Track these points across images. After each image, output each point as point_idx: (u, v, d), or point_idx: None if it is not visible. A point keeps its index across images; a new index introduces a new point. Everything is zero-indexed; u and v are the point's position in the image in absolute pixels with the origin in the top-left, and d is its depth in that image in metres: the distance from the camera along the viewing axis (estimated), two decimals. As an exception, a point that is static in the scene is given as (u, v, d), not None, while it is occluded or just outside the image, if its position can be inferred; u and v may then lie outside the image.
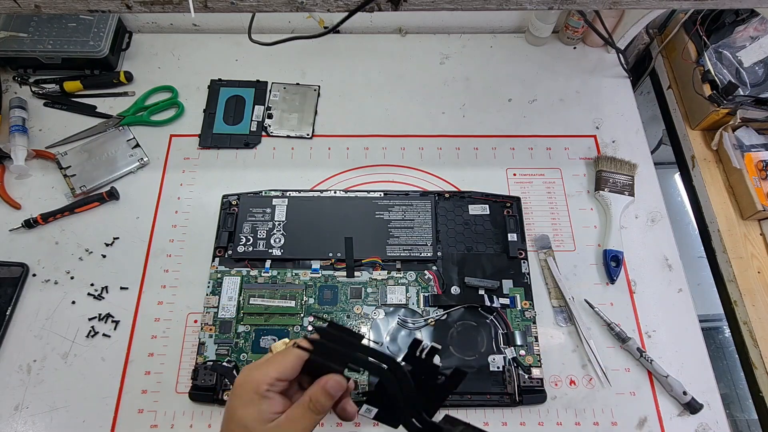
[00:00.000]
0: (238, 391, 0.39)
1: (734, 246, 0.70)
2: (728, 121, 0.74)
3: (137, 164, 0.73)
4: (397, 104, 0.80)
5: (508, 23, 0.87)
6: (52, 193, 0.71)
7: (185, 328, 0.63)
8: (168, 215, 0.70)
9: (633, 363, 0.62)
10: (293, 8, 0.44)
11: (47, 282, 0.65)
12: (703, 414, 0.60)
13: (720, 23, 0.76)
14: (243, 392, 0.39)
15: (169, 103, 0.78)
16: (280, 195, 0.69)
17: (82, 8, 0.44)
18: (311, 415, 0.39)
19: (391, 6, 0.44)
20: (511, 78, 0.83)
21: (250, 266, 0.65)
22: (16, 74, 0.79)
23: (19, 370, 0.61)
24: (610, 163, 0.73)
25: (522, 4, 0.44)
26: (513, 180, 0.74)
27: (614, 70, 0.84)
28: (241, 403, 0.39)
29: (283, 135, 0.77)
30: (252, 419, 0.38)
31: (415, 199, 0.69)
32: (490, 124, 0.78)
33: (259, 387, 0.38)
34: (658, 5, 0.46)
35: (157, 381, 0.60)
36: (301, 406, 0.39)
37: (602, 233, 0.70)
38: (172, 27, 0.86)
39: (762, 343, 0.64)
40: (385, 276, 0.65)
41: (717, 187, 0.74)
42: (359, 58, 0.84)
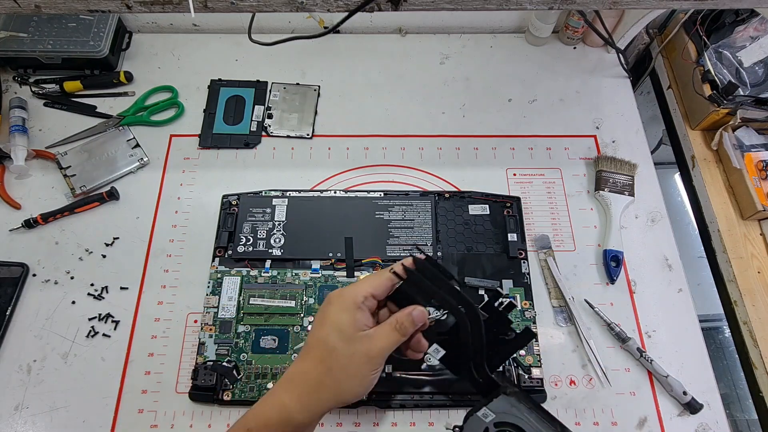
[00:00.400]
0: (336, 299, 0.44)
1: (734, 246, 0.70)
2: (728, 121, 0.74)
3: (137, 164, 0.73)
4: (397, 104, 0.80)
5: (508, 23, 0.87)
6: (52, 193, 0.71)
7: (185, 328, 0.63)
8: (168, 215, 0.70)
9: (633, 363, 0.62)
10: (293, 8, 0.44)
11: (47, 282, 0.65)
12: (703, 414, 0.60)
13: (720, 23, 0.76)
14: (341, 301, 0.43)
15: (169, 103, 0.78)
16: (280, 195, 0.69)
17: (82, 8, 0.44)
18: (395, 334, 0.43)
19: (391, 6, 0.44)
20: (511, 78, 0.83)
21: (250, 266, 0.65)
22: (16, 74, 0.79)
23: (19, 370, 0.61)
24: (610, 163, 0.73)
25: (522, 4, 0.44)
26: (513, 180, 0.74)
27: (614, 70, 0.84)
28: (338, 310, 0.43)
29: (283, 135, 0.77)
30: (347, 324, 0.42)
31: (415, 199, 0.69)
32: (490, 124, 0.78)
33: (356, 298, 0.43)
34: (658, 5, 0.46)
35: (157, 381, 0.60)
36: (389, 325, 0.43)
37: (602, 233, 0.70)
38: (172, 27, 0.86)
39: (762, 343, 0.64)
40: (385, 276, 0.65)
41: (717, 187, 0.74)
42: (359, 58, 0.84)
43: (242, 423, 0.43)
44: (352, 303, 0.43)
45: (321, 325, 0.43)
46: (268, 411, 0.42)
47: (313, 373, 0.42)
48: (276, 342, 0.61)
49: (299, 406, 0.42)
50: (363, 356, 0.42)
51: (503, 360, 0.45)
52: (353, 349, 0.42)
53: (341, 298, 0.44)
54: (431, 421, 0.59)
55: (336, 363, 0.42)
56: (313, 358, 0.43)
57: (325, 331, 0.43)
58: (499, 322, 0.45)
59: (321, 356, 0.42)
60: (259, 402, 0.44)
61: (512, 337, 0.45)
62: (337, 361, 0.42)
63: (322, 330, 0.43)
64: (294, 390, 0.42)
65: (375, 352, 0.42)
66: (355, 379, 0.42)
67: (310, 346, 0.43)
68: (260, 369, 0.60)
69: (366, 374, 0.42)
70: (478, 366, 0.44)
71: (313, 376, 0.42)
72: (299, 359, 0.44)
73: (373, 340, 0.42)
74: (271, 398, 0.43)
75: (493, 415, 0.43)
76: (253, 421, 0.42)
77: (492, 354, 0.45)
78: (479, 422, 0.43)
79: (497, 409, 0.43)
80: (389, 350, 0.43)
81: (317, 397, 0.42)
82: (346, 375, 0.42)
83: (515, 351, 0.46)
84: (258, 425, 0.42)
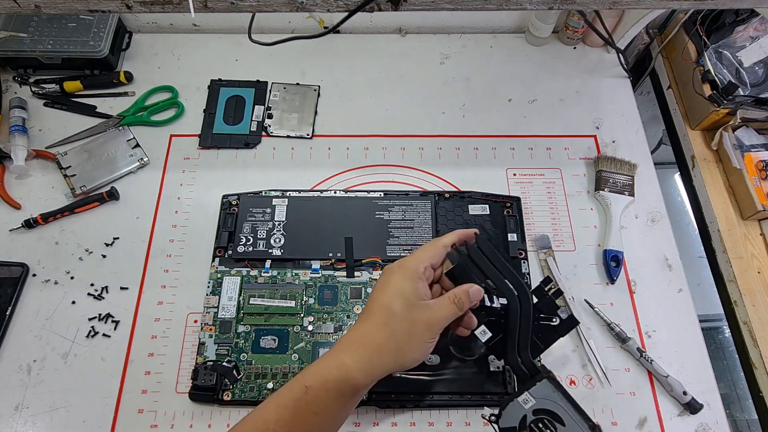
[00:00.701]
0: (398, 269, 0.46)
1: (734, 246, 0.70)
2: (728, 121, 0.74)
3: (137, 164, 0.73)
4: (397, 104, 0.80)
5: (508, 23, 0.87)
6: (52, 193, 0.71)
7: (185, 328, 0.63)
8: (168, 215, 0.70)
9: (633, 363, 0.62)
10: (293, 8, 0.44)
11: (47, 282, 0.65)
12: (703, 414, 0.60)
13: (720, 23, 0.76)
14: (403, 270, 0.46)
15: (169, 103, 0.78)
16: (280, 195, 0.69)
17: (82, 8, 0.44)
18: (453, 307, 0.45)
19: (391, 6, 0.44)
20: (511, 78, 0.83)
21: (250, 266, 0.65)
22: (16, 74, 0.79)
23: (19, 370, 0.61)
24: (610, 163, 0.73)
25: (522, 4, 0.44)
26: (513, 180, 0.74)
27: (614, 70, 0.84)
28: (401, 278, 0.45)
29: (283, 135, 0.77)
30: (410, 292, 0.44)
31: (415, 199, 0.69)
32: (490, 124, 0.78)
33: (418, 268, 0.46)
34: (658, 5, 0.46)
35: (157, 381, 0.60)
36: (448, 298, 0.46)
37: (602, 233, 0.70)
38: (172, 27, 0.86)
39: (762, 343, 0.64)
40: (385, 276, 0.65)
41: (717, 187, 0.74)
42: (359, 58, 0.84)
43: (300, 380, 0.44)
44: (415, 272, 0.45)
45: (384, 292, 0.45)
46: (329, 370, 0.44)
47: (376, 336, 0.44)
48: (276, 342, 0.61)
49: (360, 367, 0.43)
50: (424, 324, 0.44)
51: (546, 346, 0.47)
52: (415, 315, 0.44)
53: (404, 268, 0.46)
54: (431, 421, 0.59)
55: (399, 328, 0.44)
56: (376, 322, 0.44)
57: (389, 298, 0.45)
58: (546, 306, 0.47)
59: (384, 321, 0.44)
60: (318, 361, 0.45)
61: (557, 323, 0.47)
62: (400, 326, 0.44)
63: (385, 296, 0.45)
64: (356, 352, 0.44)
65: (435, 321, 0.44)
66: (415, 345, 0.44)
67: (373, 311, 0.45)
68: (260, 369, 0.60)
69: (426, 341, 0.44)
70: (522, 351, 0.46)
71: (376, 340, 0.44)
72: (360, 323, 0.46)
73: (433, 309, 0.45)
74: (331, 358, 0.44)
75: (533, 401, 0.44)
76: (312, 378, 0.44)
77: (535, 339, 0.46)
78: (518, 409, 0.44)
79: (538, 394, 0.44)
80: (447, 321, 0.45)
81: (379, 360, 0.44)
82: (408, 340, 0.44)
83: (558, 338, 0.47)
84: (317, 383, 0.43)
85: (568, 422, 0.43)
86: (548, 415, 0.43)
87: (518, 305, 0.46)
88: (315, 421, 0.43)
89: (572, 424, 0.43)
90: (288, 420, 0.43)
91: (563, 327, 0.47)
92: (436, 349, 0.60)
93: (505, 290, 0.46)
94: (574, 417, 0.43)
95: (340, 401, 0.44)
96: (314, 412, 0.43)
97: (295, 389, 0.44)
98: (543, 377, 0.44)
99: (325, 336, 0.62)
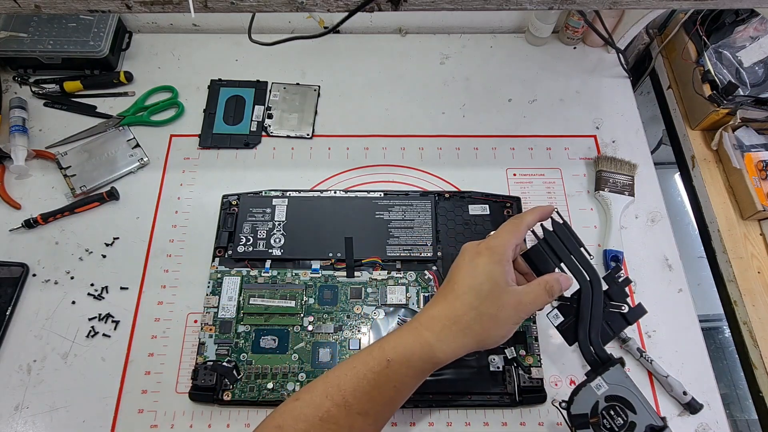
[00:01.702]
0: (486, 251, 0.46)
1: (734, 246, 0.70)
2: (728, 121, 0.74)
3: (137, 164, 0.73)
4: (397, 104, 0.80)
5: (508, 23, 0.87)
6: (52, 193, 0.71)
7: (185, 328, 0.63)
8: (168, 215, 0.70)
9: (633, 363, 0.62)
10: (293, 8, 0.44)
11: (47, 282, 0.65)
12: (703, 414, 0.60)
13: (720, 23, 0.76)
14: (491, 253, 0.45)
15: (169, 103, 0.78)
16: (280, 195, 0.69)
17: (82, 8, 0.44)
18: (545, 295, 0.45)
19: (391, 6, 0.44)
20: (511, 78, 0.83)
21: (250, 266, 0.65)
22: (16, 74, 0.79)
23: (19, 370, 0.61)
24: (610, 163, 0.73)
25: (522, 4, 0.44)
26: (513, 180, 0.74)
27: (614, 70, 0.84)
28: (490, 261, 0.45)
29: (283, 135, 0.77)
30: (500, 276, 0.44)
31: (415, 199, 0.69)
32: (490, 124, 0.78)
33: (506, 251, 0.45)
34: (658, 5, 0.46)
35: (157, 381, 0.60)
36: (539, 285, 0.46)
37: (602, 233, 0.70)
38: (172, 27, 0.86)
39: (762, 343, 0.64)
40: (385, 276, 0.65)
41: (717, 187, 0.74)
42: (359, 58, 0.84)
43: (380, 353, 0.44)
44: (503, 256, 0.45)
45: (472, 275, 0.45)
46: (411, 346, 0.44)
47: (462, 318, 0.44)
48: (276, 342, 0.61)
49: (444, 346, 0.44)
50: (512, 308, 0.44)
51: (616, 334, 0.48)
52: (505, 300, 0.44)
53: (492, 251, 0.45)
54: (431, 421, 0.59)
55: (487, 311, 0.44)
56: (463, 303, 0.45)
57: (479, 281, 0.45)
58: (616, 294, 0.47)
59: (473, 303, 0.44)
60: (395, 335, 0.46)
61: (626, 311, 0.47)
62: (489, 309, 0.44)
63: (474, 279, 0.45)
64: (440, 330, 0.44)
65: (523, 306, 0.45)
66: (501, 328, 0.44)
67: (459, 293, 0.45)
68: (260, 369, 0.60)
69: (511, 325, 0.45)
70: (594, 337, 0.46)
71: (463, 321, 0.44)
72: (441, 302, 0.46)
73: (522, 295, 0.45)
74: (411, 334, 0.45)
75: (606, 387, 0.44)
76: (393, 352, 0.44)
77: (605, 326, 0.47)
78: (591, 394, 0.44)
79: (612, 380, 0.45)
80: (537, 308, 0.46)
81: (463, 340, 0.44)
82: (494, 323, 0.44)
83: (627, 326, 0.48)
84: (399, 358, 0.44)
85: (640, 410, 0.43)
86: (620, 402, 0.44)
87: (590, 291, 0.46)
88: (392, 394, 0.44)
89: (643, 412, 0.43)
90: (367, 391, 0.43)
91: (632, 314, 0.47)
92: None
93: (578, 276, 0.47)
94: (646, 405, 0.43)
95: (420, 377, 0.45)
96: (394, 386, 0.44)
97: (374, 362, 0.44)
98: (616, 362, 0.45)
99: (325, 336, 0.62)
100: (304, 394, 0.44)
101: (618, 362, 0.45)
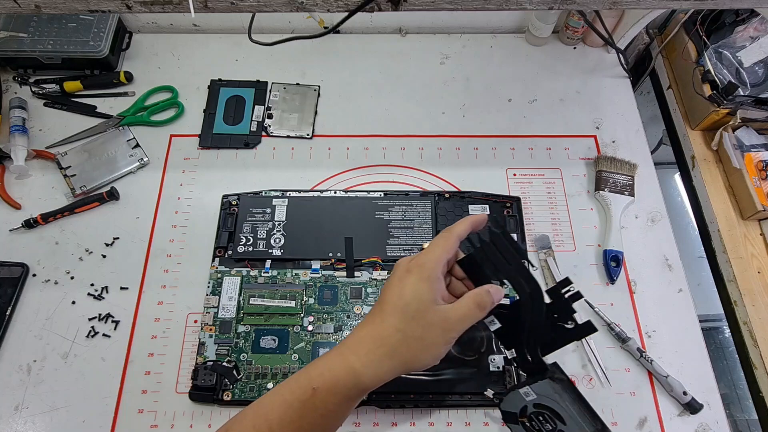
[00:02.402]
0: (416, 269, 0.43)
1: (734, 246, 0.70)
2: (728, 121, 0.74)
3: (137, 164, 0.73)
4: (397, 104, 0.80)
5: (508, 23, 0.87)
6: (52, 193, 0.71)
7: (185, 328, 0.63)
8: (168, 215, 0.70)
9: (633, 363, 0.62)
10: (293, 8, 0.44)
11: (47, 282, 0.65)
12: (703, 414, 0.60)
13: (720, 23, 0.76)
14: (421, 271, 0.43)
15: (169, 103, 0.78)
16: (280, 195, 0.69)
17: (82, 8, 0.44)
18: (476, 311, 0.43)
19: (391, 6, 0.44)
20: (511, 78, 0.83)
21: (250, 266, 0.65)
22: (16, 74, 0.79)
23: (19, 370, 0.61)
24: (610, 163, 0.73)
25: (522, 4, 0.44)
26: (513, 180, 0.74)
27: (614, 70, 0.84)
28: (418, 280, 0.43)
29: (283, 135, 0.77)
30: (427, 295, 0.42)
31: (415, 199, 0.69)
32: (490, 124, 0.78)
33: (435, 268, 0.43)
34: (658, 5, 0.46)
35: (157, 381, 0.60)
36: (470, 300, 0.43)
37: (602, 233, 0.70)
38: (172, 27, 0.86)
39: (762, 343, 0.64)
40: (385, 276, 0.65)
41: (717, 187, 0.74)
42: (359, 58, 0.84)
43: (306, 380, 0.43)
44: (433, 273, 0.43)
45: (399, 294, 0.43)
46: (337, 372, 0.42)
47: (388, 340, 0.42)
48: (276, 342, 0.61)
49: (369, 371, 0.42)
50: (439, 328, 0.42)
51: (558, 347, 0.46)
52: (431, 320, 0.42)
53: (421, 268, 0.43)
54: (431, 421, 0.59)
55: (414, 333, 0.42)
56: (389, 325, 0.42)
57: (405, 300, 0.42)
58: (562, 309, 0.45)
59: (399, 324, 0.42)
60: (323, 360, 0.44)
61: (572, 327, 0.45)
62: (415, 331, 0.42)
63: (401, 298, 0.43)
64: (365, 354, 0.42)
65: (451, 324, 0.42)
66: (429, 350, 0.42)
67: (386, 313, 0.43)
68: (260, 369, 0.60)
69: (440, 346, 0.42)
70: (531, 347, 0.45)
71: (389, 343, 0.42)
72: (370, 323, 0.44)
73: (450, 312, 0.42)
74: (338, 359, 0.43)
75: (534, 395, 0.44)
76: (319, 380, 0.42)
77: (548, 339, 0.45)
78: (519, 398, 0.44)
79: (539, 390, 0.44)
80: (467, 325, 0.43)
81: (389, 364, 0.42)
82: (421, 345, 0.42)
83: (572, 341, 0.46)
84: (325, 386, 0.42)
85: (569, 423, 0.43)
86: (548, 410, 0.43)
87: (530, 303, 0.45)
88: (320, 422, 0.42)
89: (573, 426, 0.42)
90: (293, 420, 0.42)
91: (578, 332, 0.45)
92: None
93: (516, 286, 0.45)
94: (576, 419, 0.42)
95: (348, 404, 0.43)
96: (321, 414, 0.42)
97: (300, 390, 0.42)
98: (546, 377, 0.44)
99: (325, 336, 0.62)
100: (234, 424, 0.43)
101: (549, 377, 0.44)
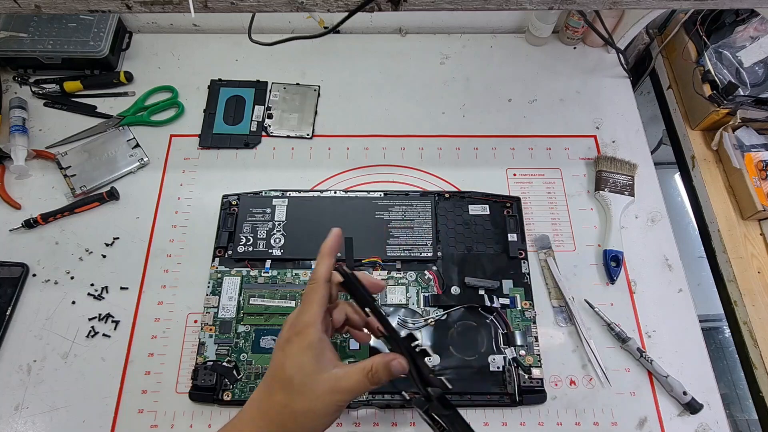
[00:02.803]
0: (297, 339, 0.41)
1: (734, 246, 0.70)
2: (728, 121, 0.74)
3: (137, 164, 0.73)
4: (397, 104, 0.80)
5: (508, 23, 0.87)
6: (52, 193, 0.71)
7: (185, 328, 0.63)
8: (168, 215, 0.70)
9: (633, 363, 0.62)
10: (293, 8, 0.44)
11: (47, 282, 0.65)
12: (703, 414, 0.60)
13: (720, 23, 0.76)
14: (301, 339, 0.41)
15: (169, 103, 0.78)
16: (280, 195, 0.69)
17: (82, 8, 0.44)
18: (366, 382, 0.40)
19: (391, 6, 0.44)
20: (511, 78, 0.83)
21: (250, 266, 0.65)
22: (16, 74, 0.79)
23: (19, 370, 0.61)
24: (610, 163, 0.73)
25: (522, 4, 0.44)
26: (513, 180, 0.74)
27: (614, 70, 0.84)
28: (299, 349, 0.41)
29: (283, 135, 0.76)
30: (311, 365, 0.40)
31: (415, 199, 0.69)
32: (490, 124, 0.78)
33: (315, 332, 0.41)
34: (658, 5, 0.46)
35: (157, 381, 0.60)
36: (361, 371, 0.41)
37: (602, 233, 0.70)
38: (172, 27, 0.86)
39: (762, 343, 0.64)
40: (385, 276, 0.65)
41: (717, 187, 0.74)
42: (359, 58, 0.84)
43: None
44: (313, 339, 0.41)
45: (282, 367, 0.41)
46: None
47: (276, 417, 0.40)
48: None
49: None
50: (329, 396, 0.40)
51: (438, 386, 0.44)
52: (318, 391, 0.40)
53: (300, 336, 0.41)
54: (431, 421, 0.59)
55: (301, 407, 0.40)
56: (276, 402, 0.41)
57: (288, 374, 0.40)
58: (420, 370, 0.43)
59: (283, 401, 0.40)
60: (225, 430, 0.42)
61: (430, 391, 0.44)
62: (302, 405, 0.40)
63: (284, 372, 0.41)
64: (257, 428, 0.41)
65: (342, 393, 0.40)
66: (320, 419, 0.40)
67: (273, 388, 0.41)
68: (260, 369, 0.60)
69: (330, 414, 0.41)
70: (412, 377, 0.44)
71: (277, 420, 0.40)
72: (257, 400, 0.42)
73: (342, 383, 0.40)
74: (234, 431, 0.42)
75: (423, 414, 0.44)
76: None
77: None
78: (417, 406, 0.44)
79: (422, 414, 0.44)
80: (356, 395, 0.41)
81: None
82: (311, 417, 0.40)
83: None
84: None
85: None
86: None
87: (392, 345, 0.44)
88: None
89: None
90: None
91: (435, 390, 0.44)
92: (437, 349, 0.61)
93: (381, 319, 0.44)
94: None
95: None
96: None
97: None
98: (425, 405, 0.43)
99: (325, 336, 0.62)
100: None
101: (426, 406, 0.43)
